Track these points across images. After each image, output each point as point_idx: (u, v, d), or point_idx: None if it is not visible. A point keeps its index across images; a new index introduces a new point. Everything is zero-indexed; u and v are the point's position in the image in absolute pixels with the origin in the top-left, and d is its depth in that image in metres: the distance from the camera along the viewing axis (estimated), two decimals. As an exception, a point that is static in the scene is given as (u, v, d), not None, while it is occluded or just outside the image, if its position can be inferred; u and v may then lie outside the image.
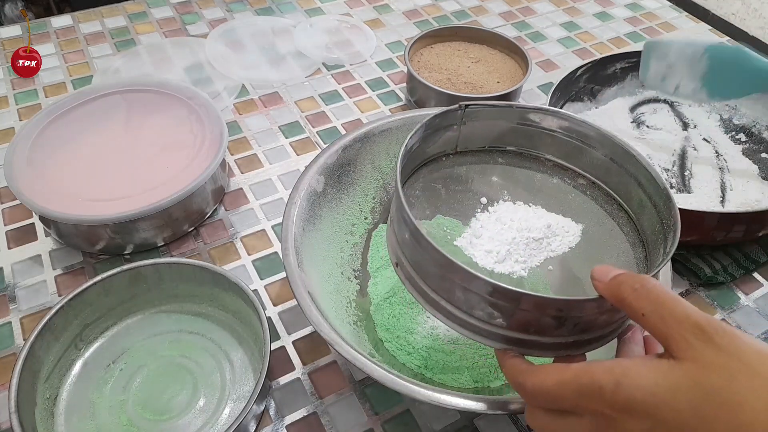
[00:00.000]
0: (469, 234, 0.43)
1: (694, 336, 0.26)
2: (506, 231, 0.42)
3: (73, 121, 0.58)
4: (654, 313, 0.28)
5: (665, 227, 0.38)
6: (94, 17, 0.83)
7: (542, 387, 0.30)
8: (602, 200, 0.44)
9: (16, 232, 0.56)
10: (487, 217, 0.44)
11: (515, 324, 0.33)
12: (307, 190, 0.47)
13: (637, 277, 0.29)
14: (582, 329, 0.33)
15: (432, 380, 0.44)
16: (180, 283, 0.48)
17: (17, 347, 0.48)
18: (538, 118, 0.44)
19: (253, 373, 0.45)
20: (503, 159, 0.46)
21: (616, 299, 0.30)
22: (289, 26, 0.82)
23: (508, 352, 0.34)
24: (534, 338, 0.33)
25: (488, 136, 0.46)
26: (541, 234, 0.42)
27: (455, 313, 0.34)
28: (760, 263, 0.55)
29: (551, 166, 0.46)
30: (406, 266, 0.37)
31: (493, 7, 0.90)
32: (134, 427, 0.43)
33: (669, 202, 0.37)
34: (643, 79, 0.62)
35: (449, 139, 0.45)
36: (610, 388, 0.27)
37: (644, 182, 0.41)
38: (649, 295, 0.28)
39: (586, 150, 0.44)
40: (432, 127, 0.42)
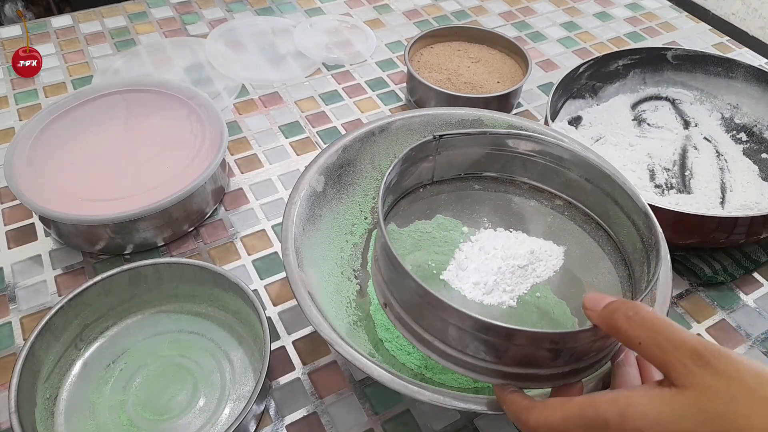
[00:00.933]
0: (454, 266, 0.43)
1: (692, 362, 0.26)
2: (491, 260, 0.42)
3: (73, 121, 0.58)
4: (650, 340, 0.28)
5: (647, 246, 0.38)
6: (94, 17, 0.83)
7: (547, 423, 0.30)
8: (581, 220, 0.44)
9: (16, 232, 0.56)
10: (470, 246, 0.44)
11: (511, 359, 0.33)
12: (307, 190, 0.47)
13: (629, 305, 0.30)
14: (578, 358, 0.33)
15: (432, 380, 0.44)
16: (180, 283, 0.48)
17: (17, 347, 0.48)
18: (511, 142, 0.44)
19: (253, 373, 0.45)
20: (479, 185, 0.47)
21: (610, 328, 0.30)
22: (289, 26, 0.82)
23: (506, 387, 0.34)
24: (531, 371, 0.33)
25: (463, 164, 0.46)
26: (525, 261, 0.42)
27: (449, 352, 0.34)
28: (760, 263, 0.55)
29: (527, 189, 0.46)
30: (395, 307, 0.36)
31: (493, 7, 0.90)
32: (134, 427, 0.43)
33: (648, 221, 0.37)
34: None
35: (425, 170, 0.45)
36: (615, 420, 0.27)
37: (621, 201, 0.41)
38: (644, 322, 0.28)
39: (561, 171, 0.44)
40: (409, 160, 0.42)
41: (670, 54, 0.69)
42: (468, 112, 0.53)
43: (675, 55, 0.69)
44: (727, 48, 0.85)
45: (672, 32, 0.87)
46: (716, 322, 0.52)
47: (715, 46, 0.85)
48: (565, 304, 0.43)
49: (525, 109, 0.72)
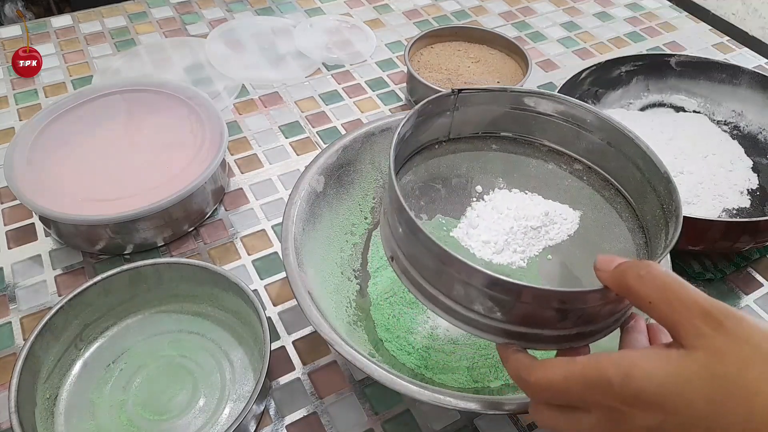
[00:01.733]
0: (465, 224, 0.42)
1: (704, 322, 0.25)
2: (503, 220, 0.41)
3: (73, 121, 0.58)
4: (661, 300, 0.27)
5: (666, 212, 0.37)
6: (94, 17, 0.83)
7: (548, 382, 0.29)
8: (599, 185, 0.43)
9: (16, 232, 0.56)
10: (483, 206, 0.43)
11: (517, 318, 0.32)
12: (307, 190, 0.47)
13: (642, 264, 0.28)
14: (585, 321, 0.32)
15: (432, 380, 0.44)
16: (180, 283, 0.48)
17: (17, 347, 0.48)
18: (532, 102, 0.43)
19: (253, 373, 0.45)
20: (497, 145, 0.45)
21: (621, 288, 0.29)
22: (289, 26, 0.82)
23: (510, 346, 0.33)
24: (536, 331, 0.32)
25: (482, 122, 0.44)
26: (539, 222, 0.41)
27: (454, 307, 0.33)
28: (751, 260, 0.55)
29: (546, 152, 0.44)
30: (401, 260, 0.36)
31: (493, 7, 0.90)
32: (134, 427, 0.43)
33: (669, 185, 0.36)
34: None
35: (442, 125, 0.43)
36: (618, 381, 0.26)
37: (643, 166, 0.39)
38: (655, 281, 0.27)
39: (583, 134, 0.42)
40: (424, 114, 0.41)
41: (673, 60, 0.68)
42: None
43: (678, 61, 0.68)
44: (727, 48, 0.85)
45: (672, 32, 0.87)
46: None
47: (715, 47, 0.85)
48: (577, 269, 0.42)
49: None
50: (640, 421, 0.26)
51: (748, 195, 0.60)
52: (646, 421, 0.26)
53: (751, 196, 0.60)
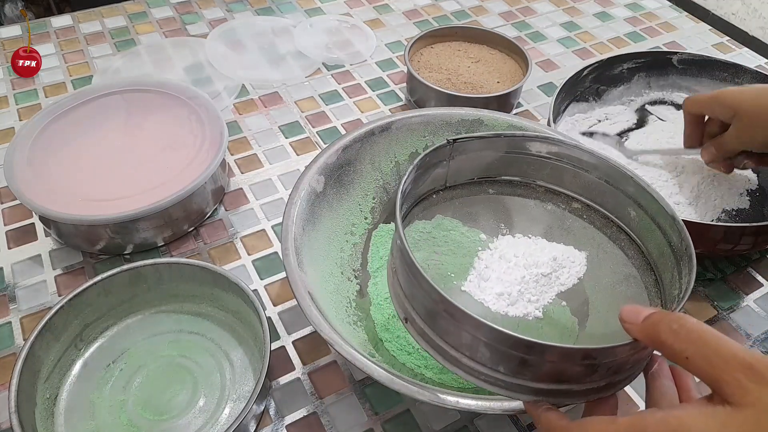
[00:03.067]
0: (475, 277, 0.42)
1: (746, 377, 0.25)
2: (513, 269, 0.41)
3: (73, 121, 0.58)
4: (698, 354, 0.26)
5: (675, 251, 0.36)
6: (94, 17, 0.83)
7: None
8: (600, 223, 0.43)
9: (16, 232, 0.56)
10: (489, 255, 0.43)
11: (546, 376, 0.31)
12: (307, 190, 0.47)
13: (673, 317, 0.28)
14: (614, 372, 0.32)
15: (432, 380, 0.44)
16: (180, 283, 0.48)
17: (17, 347, 0.48)
18: (527, 145, 0.43)
19: (253, 373, 0.45)
20: (494, 189, 0.45)
21: (654, 342, 0.29)
22: (289, 26, 0.82)
23: (539, 404, 0.32)
24: (565, 387, 0.32)
25: (477, 168, 0.45)
26: (548, 269, 0.41)
27: (478, 368, 0.33)
28: (751, 260, 0.55)
29: (543, 192, 0.45)
30: (417, 322, 0.35)
31: (493, 7, 0.90)
32: (134, 427, 0.43)
33: (676, 224, 0.36)
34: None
35: (438, 175, 0.44)
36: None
37: (644, 204, 0.39)
38: (690, 335, 0.27)
39: (579, 173, 0.43)
40: (423, 167, 0.41)
41: (675, 58, 0.68)
42: (468, 112, 0.53)
43: (681, 59, 0.68)
44: (727, 48, 0.85)
45: (672, 32, 0.87)
46: (716, 322, 0.52)
47: (715, 46, 0.85)
48: (592, 312, 0.41)
49: (525, 109, 0.72)
50: None
51: (748, 196, 0.60)
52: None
53: (751, 197, 0.60)
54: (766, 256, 0.57)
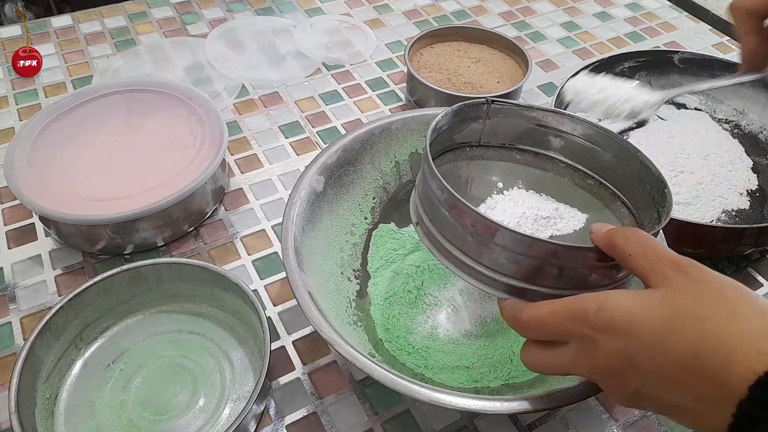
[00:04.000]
0: (483, 207, 0.45)
1: (671, 269, 0.30)
2: (517, 207, 0.44)
3: (73, 121, 0.58)
4: (638, 253, 0.31)
5: (660, 214, 0.40)
6: (94, 17, 0.83)
7: (537, 317, 0.33)
8: (607, 199, 0.46)
9: (16, 232, 0.56)
10: (501, 197, 0.46)
11: (518, 272, 0.35)
12: (307, 190, 0.47)
13: (630, 228, 0.33)
14: (578, 283, 0.35)
15: (432, 380, 0.44)
16: (180, 283, 0.48)
17: (17, 347, 0.48)
18: (555, 121, 0.46)
19: (253, 373, 0.45)
20: (521, 156, 0.49)
21: (608, 244, 0.33)
22: (289, 26, 0.82)
23: (508, 299, 0.36)
24: (533, 288, 0.36)
25: (509, 134, 0.48)
26: (549, 213, 0.44)
27: (465, 261, 0.37)
28: (751, 260, 0.55)
29: (564, 167, 0.48)
30: (425, 222, 0.40)
31: (493, 7, 0.90)
32: (134, 427, 0.43)
33: (664, 189, 0.40)
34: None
35: (474, 130, 0.47)
36: (593, 310, 0.30)
37: (644, 177, 0.43)
38: (637, 239, 0.32)
39: (597, 152, 0.46)
40: (459, 114, 0.44)
41: (676, 57, 0.68)
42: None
43: (682, 58, 0.68)
44: (727, 48, 0.85)
45: (672, 32, 0.87)
46: (716, 322, 0.52)
47: (715, 46, 0.85)
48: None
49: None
50: (609, 345, 0.30)
51: (748, 196, 0.60)
52: (614, 345, 0.29)
53: (751, 197, 0.60)
54: (766, 256, 0.57)
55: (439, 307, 0.49)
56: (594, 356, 0.30)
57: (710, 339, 0.27)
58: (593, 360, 0.31)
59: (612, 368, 0.30)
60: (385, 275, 0.51)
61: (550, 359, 0.33)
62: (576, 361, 0.32)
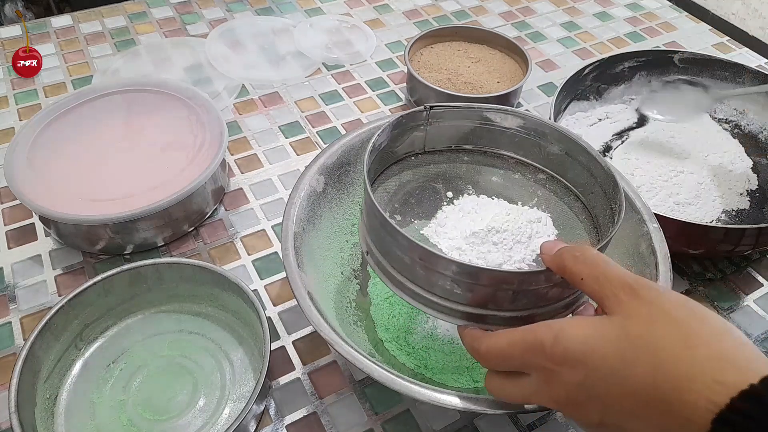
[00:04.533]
0: (434, 224, 0.45)
1: (624, 293, 0.29)
2: (469, 220, 0.44)
3: (73, 121, 0.58)
4: (590, 276, 0.31)
5: (613, 210, 0.40)
6: (94, 17, 0.83)
7: (495, 348, 0.32)
8: (561, 192, 0.47)
9: (16, 232, 0.56)
10: (451, 208, 0.46)
11: (473, 299, 0.35)
12: (307, 190, 0.47)
13: (577, 247, 0.32)
14: (535, 302, 0.35)
15: (432, 380, 0.44)
16: (180, 283, 0.48)
17: (17, 347, 0.48)
18: (498, 117, 0.46)
19: (253, 373, 0.45)
20: (468, 157, 0.48)
21: (558, 267, 0.32)
22: (289, 26, 0.82)
23: (468, 326, 0.36)
24: (492, 313, 0.35)
25: (454, 136, 0.47)
26: (501, 224, 0.43)
27: (419, 292, 0.37)
28: (751, 260, 0.55)
29: (513, 163, 0.48)
30: (375, 253, 0.39)
31: (493, 7, 0.90)
32: (134, 427, 0.43)
33: (615, 188, 0.40)
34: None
35: (416, 139, 0.47)
36: (549, 342, 0.30)
37: (595, 172, 0.43)
38: (586, 260, 0.31)
39: (544, 146, 0.46)
40: (399, 127, 0.44)
41: (677, 57, 0.68)
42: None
43: (682, 58, 0.68)
44: (727, 48, 0.85)
45: (672, 32, 0.87)
46: (716, 322, 0.52)
47: (715, 46, 0.85)
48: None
49: (525, 109, 0.72)
50: (567, 377, 0.29)
51: (748, 196, 0.60)
52: (572, 377, 0.29)
53: (751, 198, 0.60)
54: (766, 256, 0.57)
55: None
56: (554, 388, 0.30)
57: (666, 370, 0.26)
58: (554, 392, 0.30)
59: (573, 400, 0.29)
60: (385, 275, 0.51)
61: (512, 390, 0.33)
62: (537, 392, 0.31)
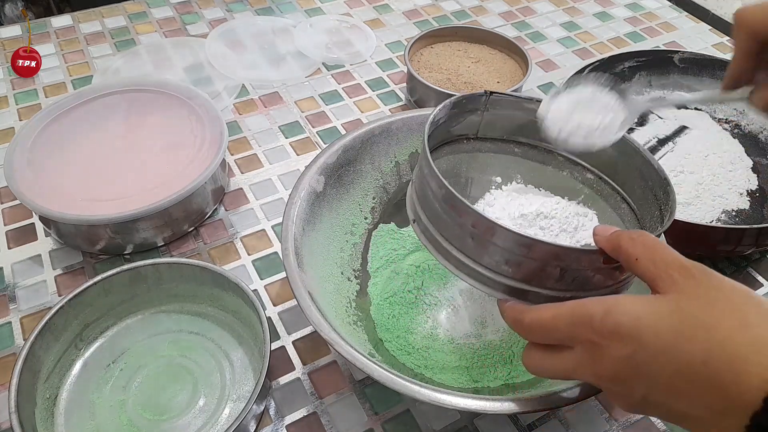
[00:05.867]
0: (482, 203, 0.44)
1: (679, 274, 0.29)
2: (517, 204, 0.44)
3: (73, 121, 0.58)
4: (645, 257, 0.30)
5: (663, 212, 0.40)
6: (94, 17, 0.83)
7: (539, 320, 0.32)
8: (607, 194, 0.46)
9: (16, 232, 0.56)
10: (499, 192, 0.46)
11: (519, 273, 0.35)
12: (307, 190, 0.47)
13: (636, 231, 0.32)
14: (580, 285, 0.35)
15: (432, 380, 0.44)
16: (180, 283, 0.48)
17: (17, 347, 0.48)
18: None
19: (253, 373, 0.45)
20: (519, 150, 0.48)
21: (614, 249, 0.32)
22: (289, 26, 0.82)
23: (509, 301, 0.36)
24: (535, 289, 0.35)
25: (507, 127, 0.47)
26: (549, 211, 0.42)
27: (465, 261, 0.36)
28: (751, 260, 0.55)
29: (563, 161, 0.47)
30: (423, 220, 0.39)
31: (493, 7, 0.90)
32: (134, 427, 0.43)
33: (667, 187, 0.39)
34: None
35: (472, 123, 0.46)
36: (599, 316, 0.29)
37: (646, 174, 0.42)
38: (644, 242, 0.31)
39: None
40: (458, 107, 0.44)
41: (677, 57, 0.68)
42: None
43: (682, 58, 0.68)
44: (727, 48, 0.85)
45: (672, 32, 0.87)
46: (716, 322, 0.52)
47: (715, 46, 0.85)
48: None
49: (525, 109, 0.72)
50: (615, 351, 0.29)
51: (748, 196, 0.60)
52: (621, 352, 0.28)
53: (751, 198, 0.60)
54: (766, 256, 0.57)
55: (439, 308, 0.49)
56: (599, 362, 0.30)
57: (720, 348, 0.26)
58: (598, 366, 0.30)
59: (618, 375, 0.29)
60: (385, 275, 0.51)
61: (553, 363, 0.33)
62: (580, 366, 0.31)
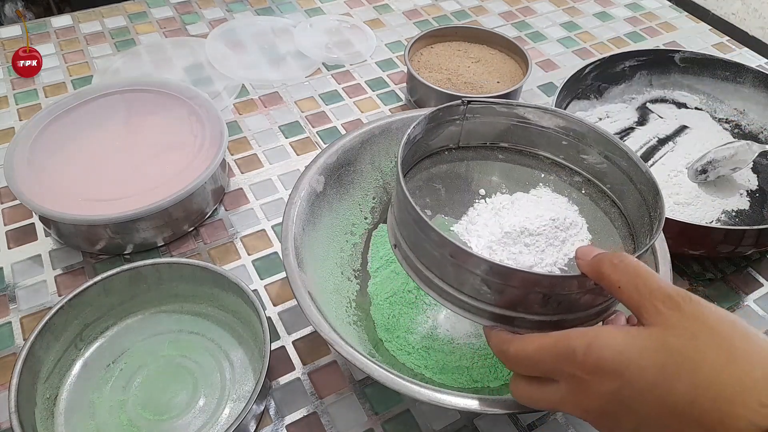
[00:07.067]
0: (465, 220, 0.44)
1: (664, 304, 0.28)
2: (501, 219, 0.43)
3: (73, 121, 0.58)
4: (629, 284, 0.29)
5: (652, 218, 0.39)
6: (94, 17, 0.83)
7: (524, 352, 0.31)
8: (596, 196, 0.45)
9: (16, 232, 0.56)
10: (483, 206, 0.45)
11: (502, 300, 0.34)
12: (307, 190, 0.47)
13: (617, 254, 0.31)
14: (566, 308, 0.34)
15: (432, 380, 0.44)
16: (180, 283, 0.48)
17: (17, 347, 0.48)
18: (536, 116, 0.45)
19: (253, 373, 0.45)
20: (503, 155, 0.47)
21: (595, 274, 0.31)
22: (289, 26, 0.82)
23: (495, 327, 0.35)
24: (520, 315, 0.34)
25: (489, 133, 0.46)
26: (536, 226, 0.42)
27: (447, 290, 0.36)
28: (751, 260, 0.55)
29: (549, 164, 0.47)
30: (403, 247, 0.38)
31: (493, 7, 0.90)
32: (134, 427, 0.43)
33: (657, 196, 0.39)
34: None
35: (452, 133, 0.46)
36: (582, 350, 0.28)
37: (635, 177, 0.42)
38: (626, 269, 0.30)
39: (582, 148, 0.45)
40: (435, 120, 0.43)
41: (677, 56, 0.68)
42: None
43: (683, 57, 0.68)
44: (727, 48, 0.85)
45: (672, 32, 0.87)
46: (716, 322, 0.52)
47: (715, 46, 0.85)
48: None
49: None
50: (600, 387, 0.28)
51: (748, 196, 0.60)
52: (605, 387, 0.28)
53: (751, 198, 0.60)
54: (766, 256, 0.57)
55: (439, 308, 0.49)
56: (585, 397, 0.29)
57: (707, 387, 0.25)
58: (584, 401, 0.29)
59: (605, 410, 0.29)
60: (385, 275, 0.51)
61: (539, 396, 0.32)
62: (567, 400, 0.30)
